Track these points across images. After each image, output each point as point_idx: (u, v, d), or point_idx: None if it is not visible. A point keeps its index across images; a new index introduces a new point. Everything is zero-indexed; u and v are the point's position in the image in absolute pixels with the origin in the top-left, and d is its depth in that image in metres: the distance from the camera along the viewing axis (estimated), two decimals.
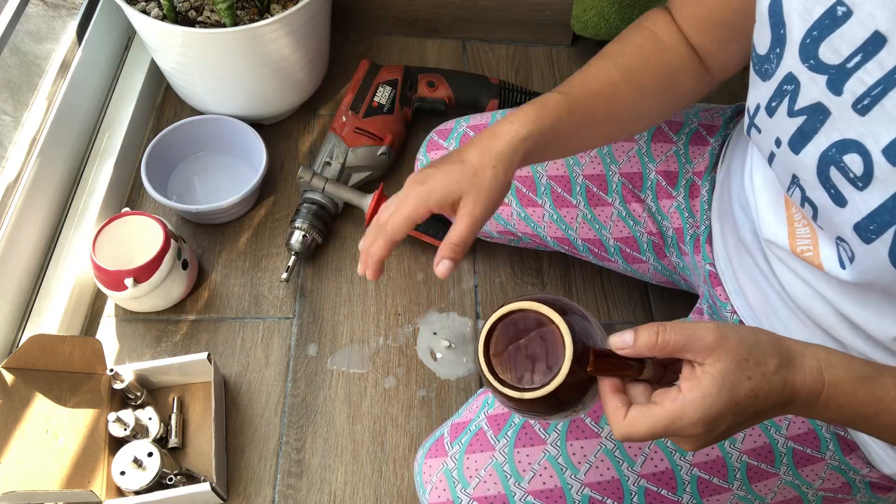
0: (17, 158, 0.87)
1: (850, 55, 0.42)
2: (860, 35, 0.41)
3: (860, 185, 0.43)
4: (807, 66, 0.45)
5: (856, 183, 0.43)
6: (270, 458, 0.82)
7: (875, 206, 0.42)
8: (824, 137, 0.45)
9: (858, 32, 0.41)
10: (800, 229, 0.54)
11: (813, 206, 0.49)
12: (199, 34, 0.86)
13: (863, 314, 0.51)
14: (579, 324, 0.42)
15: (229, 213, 0.97)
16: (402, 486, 0.82)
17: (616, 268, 0.84)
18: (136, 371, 0.79)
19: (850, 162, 0.43)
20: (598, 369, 0.41)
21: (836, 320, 0.54)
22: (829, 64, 0.43)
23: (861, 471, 0.59)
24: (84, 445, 0.73)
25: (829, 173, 0.45)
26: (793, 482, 0.60)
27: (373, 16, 1.24)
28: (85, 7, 1.03)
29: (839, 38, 0.42)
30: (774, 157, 0.52)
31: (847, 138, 0.43)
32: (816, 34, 0.44)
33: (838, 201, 0.45)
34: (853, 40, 0.41)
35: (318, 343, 0.91)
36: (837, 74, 0.43)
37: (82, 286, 0.89)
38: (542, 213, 0.80)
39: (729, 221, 0.67)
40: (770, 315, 0.62)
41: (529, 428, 0.61)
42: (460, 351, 0.91)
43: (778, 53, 0.48)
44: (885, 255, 0.42)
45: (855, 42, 0.41)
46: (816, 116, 0.45)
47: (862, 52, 0.41)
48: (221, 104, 1.00)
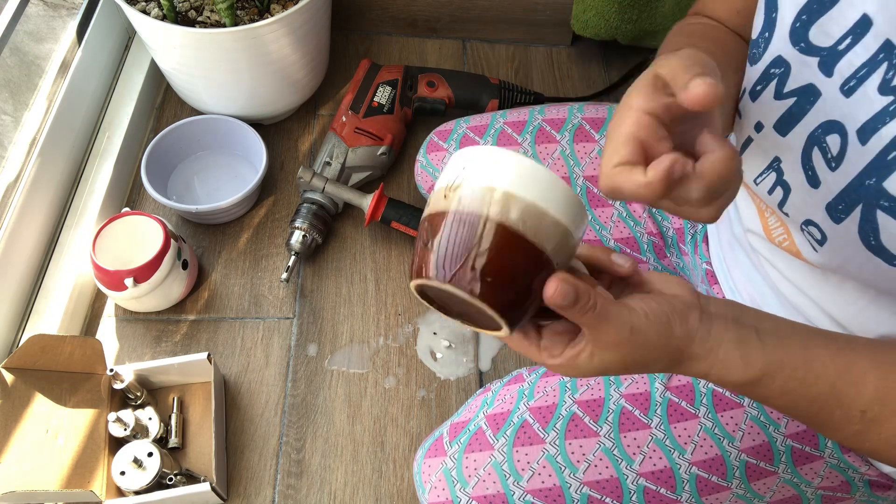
0: (17, 158, 0.87)
1: (841, 37, 0.42)
2: (850, 17, 0.41)
3: (833, 166, 0.44)
4: (797, 49, 0.45)
5: (830, 163, 0.44)
6: (270, 458, 0.82)
7: (843, 185, 0.43)
8: (813, 118, 0.45)
9: (849, 14, 0.42)
10: (770, 218, 0.54)
11: (787, 189, 0.49)
12: (199, 34, 0.86)
13: (844, 312, 0.52)
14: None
15: (229, 213, 0.97)
16: (402, 486, 0.82)
17: None
18: (136, 371, 0.79)
19: (831, 143, 0.44)
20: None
21: (823, 318, 0.54)
22: (821, 46, 0.44)
23: (860, 469, 0.59)
24: (84, 445, 0.73)
25: (812, 154, 0.46)
26: (791, 480, 0.60)
27: (373, 16, 1.24)
28: (85, 7, 1.03)
29: (829, 20, 0.43)
30: (751, 141, 0.52)
31: (832, 119, 0.44)
32: (806, 18, 0.44)
33: (813, 183, 0.46)
34: (843, 23, 0.42)
35: (318, 343, 0.91)
36: (829, 56, 0.43)
37: (82, 286, 0.89)
38: None
39: (725, 218, 0.67)
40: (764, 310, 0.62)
41: (528, 427, 0.61)
42: (460, 351, 0.91)
43: (766, 37, 0.48)
44: (855, 233, 0.43)
45: (845, 24, 0.42)
46: (807, 98, 0.46)
47: (851, 35, 0.42)
48: (221, 104, 1.00)
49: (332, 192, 0.94)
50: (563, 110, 0.82)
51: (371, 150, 0.99)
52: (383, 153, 1.00)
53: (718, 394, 0.61)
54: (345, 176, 0.98)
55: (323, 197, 0.95)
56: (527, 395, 0.64)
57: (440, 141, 0.86)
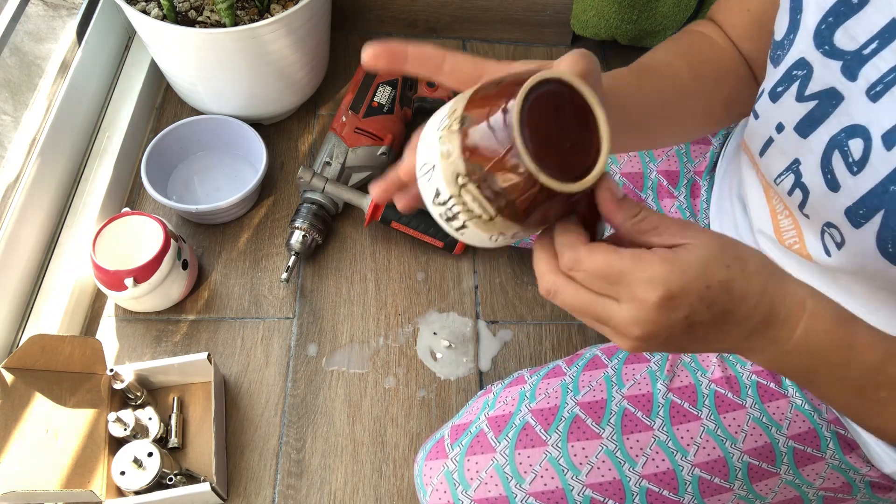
0: (17, 158, 0.87)
1: (867, 42, 0.42)
2: (877, 22, 0.41)
3: (855, 170, 0.43)
4: (821, 52, 0.45)
5: (851, 168, 0.44)
6: (270, 458, 0.82)
7: (865, 190, 0.43)
8: (836, 122, 0.45)
9: (876, 19, 0.41)
10: (783, 221, 0.54)
11: (805, 191, 0.49)
12: (199, 34, 0.86)
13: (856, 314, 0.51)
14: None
15: (229, 213, 0.97)
16: (402, 486, 0.82)
17: None
18: (136, 371, 0.79)
19: (854, 146, 0.44)
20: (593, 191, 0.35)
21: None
22: (845, 50, 0.44)
23: (861, 470, 0.59)
24: (84, 445, 0.73)
25: (832, 157, 0.46)
26: (793, 482, 0.60)
27: (373, 16, 1.24)
28: (85, 7, 1.03)
29: (856, 24, 0.43)
30: (772, 142, 0.52)
31: (856, 123, 0.43)
32: (832, 20, 0.44)
33: (832, 186, 0.46)
34: (870, 27, 0.42)
35: (318, 343, 0.91)
36: (853, 60, 0.43)
37: (82, 286, 0.89)
38: None
39: (728, 220, 0.67)
40: None
41: (530, 429, 0.61)
42: (460, 351, 0.91)
43: (791, 39, 0.48)
44: (873, 239, 0.43)
45: (872, 29, 0.42)
46: (829, 101, 0.45)
47: (878, 39, 0.41)
48: (221, 104, 1.00)
49: (332, 192, 0.94)
50: None
51: (371, 150, 0.99)
52: (383, 153, 1.00)
53: (721, 395, 0.61)
54: (345, 176, 0.98)
55: (323, 197, 0.95)
56: (528, 396, 0.64)
57: None
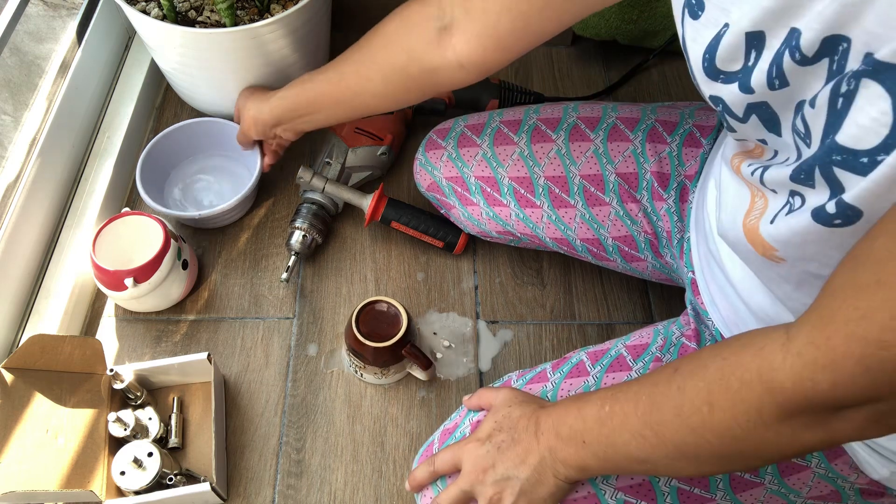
0: (17, 158, 0.87)
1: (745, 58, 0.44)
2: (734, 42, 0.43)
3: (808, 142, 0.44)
4: (720, 82, 0.48)
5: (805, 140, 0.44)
6: (270, 458, 0.82)
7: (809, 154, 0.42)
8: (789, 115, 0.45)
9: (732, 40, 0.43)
10: (757, 202, 0.52)
11: (798, 134, 0.48)
12: (199, 34, 0.86)
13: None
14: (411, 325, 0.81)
15: (226, 218, 0.97)
16: (402, 486, 0.82)
17: (615, 267, 0.84)
18: (136, 371, 0.79)
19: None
20: (408, 353, 0.80)
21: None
22: (731, 71, 0.46)
23: (849, 477, 0.58)
24: (84, 445, 0.73)
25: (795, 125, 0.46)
26: (779, 491, 0.59)
27: (373, 16, 1.23)
28: (85, 7, 1.03)
29: (726, 52, 0.45)
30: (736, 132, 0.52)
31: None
32: (708, 56, 0.47)
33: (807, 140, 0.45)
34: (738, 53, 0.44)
35: (318, 343, 0.91)
36: (744, 75, 0.45)
37: (82, 286, 0.89)
38: (541, 214, 0.80)
39: (702, 231, 0.67)
40: (742, 329, 0.61)
41: None
42: (460, 351, 0.91)
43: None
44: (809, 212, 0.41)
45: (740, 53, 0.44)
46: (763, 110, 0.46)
47: (753, 52, 0.43)
48: (221, 104, 1.00)
49: (332, 192, 0.94)
50: (559, 109, 0.82)
51: (371, 150, 0.99)
52: (383, 153, 1.00)
53: None
54: (345, 176, 0.98)
55: (323, 197, 0.95)
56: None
57: (439, 139, 0.86)
